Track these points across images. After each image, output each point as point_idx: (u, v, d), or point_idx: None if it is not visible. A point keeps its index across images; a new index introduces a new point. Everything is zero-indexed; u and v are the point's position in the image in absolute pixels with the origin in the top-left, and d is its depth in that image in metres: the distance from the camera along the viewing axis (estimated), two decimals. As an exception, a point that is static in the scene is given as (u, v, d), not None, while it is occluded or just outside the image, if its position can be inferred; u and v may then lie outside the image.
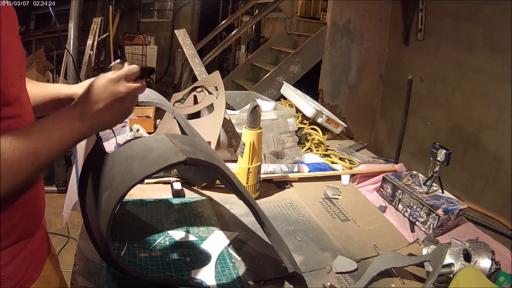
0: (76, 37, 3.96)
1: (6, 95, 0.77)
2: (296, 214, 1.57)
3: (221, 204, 1.57)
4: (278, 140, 2.03)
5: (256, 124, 1.56)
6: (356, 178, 1.96)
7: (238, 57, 8.34)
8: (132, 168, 0.92)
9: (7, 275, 0.85)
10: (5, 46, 0.74)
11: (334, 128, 2.50)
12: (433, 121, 3.82)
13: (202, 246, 1.29)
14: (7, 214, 0.84)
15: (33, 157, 0.78)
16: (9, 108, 0.79)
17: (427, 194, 1.68)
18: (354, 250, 1.37)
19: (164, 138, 1.00)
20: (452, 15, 3.53)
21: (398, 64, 4.37)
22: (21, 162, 0.76)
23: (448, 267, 1.21)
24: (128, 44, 8.41)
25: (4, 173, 0.73)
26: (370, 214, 1.65)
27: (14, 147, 0.74)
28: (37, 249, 0.96)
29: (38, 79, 4.69)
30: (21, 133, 0.78)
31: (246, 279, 1.17)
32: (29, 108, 0.89)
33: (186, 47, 2.28)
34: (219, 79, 1.96)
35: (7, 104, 0.78)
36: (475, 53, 3.28)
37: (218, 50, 4.78)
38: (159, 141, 0.99)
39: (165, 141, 0.98)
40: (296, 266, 1.11)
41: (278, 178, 1.83)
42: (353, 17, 4.35)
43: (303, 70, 4.60)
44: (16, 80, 0.80)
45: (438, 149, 1.68)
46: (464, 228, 1.64)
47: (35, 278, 0.94)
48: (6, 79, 0.74)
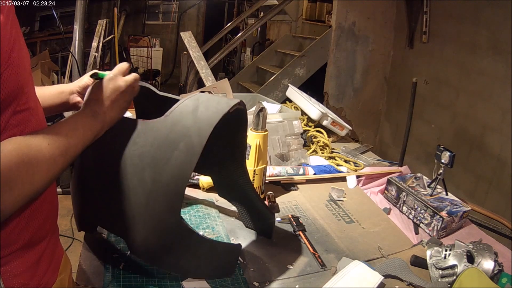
0: (81, 39, 3.98)
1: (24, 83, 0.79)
2: (301, 216, 1.58)
3: (227, 206, 1.58)
4: (284, 142, 2.04)
5: (262, 126, 1.57)
6: (361, 180, 1.97)
7: (243, 60, 8.35)
8: (202, 116, 0.99)
9: (26, 281, 0.85)
10: (15, 41, 0.75)
11: (339, 130, 2.51)
12: (437, 124, 3.82)
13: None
14: (35, 215, 0.86)
15: (65, 151, 0.83)
16: (25, 100, 0.81)
17: (431, 196, 1.69)
18: (359, 252, 1.38)
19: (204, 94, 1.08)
20: (456, 17, 3.53)
21: (403, 66, 4.38)
22: (56, 156, 0.80)
23: (452, 269, 1.23)
24: (133, 46, 8.45)
25: (42, 167, 0.76)
26: (374, 216, 1.66)
27: (48, 141, 0.79)
28: (52, 252, 0.97)
29: (43, 80, 4.71)
30: (51, 130, 0.82)
31: (251, 280, 1.18)
32: (39, 101, 0.91)
33: (192, 49, 2.31)
34: (228, 87, 1.97)
35: (22, 97, 0.80)
36: (479, 55, 3.28)
37: (223, 53, 4.81)
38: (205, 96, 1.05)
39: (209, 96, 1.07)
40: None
41: (285, 180, 1.84)
42: (358, 20, 4.36)
43: (308, 73, 4.61)
44: (27, 75, 0.82)
45: (442, 151, 1.69)
46: (468, 230, 1.64)
47: (52, 282, 0.95)
48: (19, 71, 0.76)
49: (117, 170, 1.02)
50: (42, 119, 0.90)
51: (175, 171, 0.96)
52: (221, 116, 0.98)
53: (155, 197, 0.97)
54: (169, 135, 0.98)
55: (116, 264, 1.16)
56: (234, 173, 1.33)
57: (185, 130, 0.97)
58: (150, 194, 0.97)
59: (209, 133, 0.96)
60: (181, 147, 0.95)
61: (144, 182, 0.98)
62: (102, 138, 0.99)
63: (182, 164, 0.95)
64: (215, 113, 0.99)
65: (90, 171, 1.11)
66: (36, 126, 0.84)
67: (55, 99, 1.18)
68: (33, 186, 0.75)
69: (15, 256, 0.82)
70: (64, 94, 1.19)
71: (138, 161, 0.99)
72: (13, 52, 0.73)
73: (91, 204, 1.17)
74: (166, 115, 1.00)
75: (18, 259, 0.83)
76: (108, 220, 1.16)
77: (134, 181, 0.99)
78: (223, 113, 0.99)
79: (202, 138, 0.95)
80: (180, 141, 0.96)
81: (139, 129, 1.02)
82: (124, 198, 1.02)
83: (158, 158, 0.97)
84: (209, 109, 1.00)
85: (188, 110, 1.00)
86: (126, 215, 1.04)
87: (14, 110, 0.77)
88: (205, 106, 1.00)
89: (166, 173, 0.96)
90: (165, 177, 0.96)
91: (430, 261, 1.29)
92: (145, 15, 10.08)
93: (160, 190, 0.97)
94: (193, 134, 0.96)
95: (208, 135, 0.95)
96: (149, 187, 0.97)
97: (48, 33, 7.27)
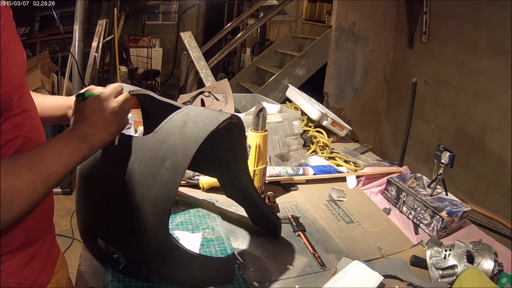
0: (81, 39, 3.97)
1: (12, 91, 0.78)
2: (301, 216, 1.58)
3: (226, 207, 1.59)
4: (284, 142, 2.04)
5: (262, 126, 1.58)
6: (361, 180, 1.97)
7: (243, 60, 8.35)
8: (189, 133, 0.98)
9: (21, 281, 0.86)
10: (8, 43, 0.74)
11: (339, 131, 2.51)
12: (437, 124, 3.82)
13: (207, 248, 1.31)
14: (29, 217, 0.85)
15: (46, 177, 0.80)
16: (18, 105, 0.81)
17: (431, 196, 1.69)
18: (359, 252, 1.38)
19: (195, 108, 1.06)
20: (456, 17, 3.54)
21: (403, 66, 4.38)
22: (36, 182, 0.77)
23: (452, 269, 1.23)
24: (133, 47, 8.45)
25: (21, 195, 0.74)
26: (374, 216, 1.66)
27: (28, 167, 0.76)
28: (48, 252, 0.97)
29: (43, 80, 4.70)
30: (33, 154, 0.80)
31: (251, 280, 1.18)
32: (34, 103, 0.91)
33: (192, 49, 2.31)
34: (228, 87, 1.97)
35: (15, 101, 0.80)
36: (479, 55, 3.29)
37: (223, 53, 4.81)
38: (195, 110, 1.04)
39: (200, 109, 1.05)
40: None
41: (285, 180, 1.84)
42: (358, 20, 4.37)
43: (308, 73, 4.61)
44: (20, 79, 0.81)
45: (442, 152, 1.69)
46: (468, 230, 1.64)
47: (47, 281, 0.95)
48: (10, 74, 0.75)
49: (112, 184, 1.04)
50: (37, 121, 0.90)
51: (161, 189, 0.97)
52: (209, 133, 0.97)
53: (143, 213, 0.99)
54: (156, 153, 0.98)
55: (116, 265, 1.16)
56: (237, 173, 1.33)
57: (171, 149, 0.97)
58: (139, 209, 0.99)
59: (194, 151, 0.96)
60: (167, 165, 0.96)
61: (134, 197, 0.99)
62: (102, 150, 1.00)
63: (167, 182, 0.96)
64: (203, 129, 0.98)
65: (90, 182, 1.12)
66: (30, 129, 0.84)
67: (54, 111, 1.16)
68: (10, 213, 0.73)
69: (10, 256, 0.83)
70: (63, 108, 1.16)
71: (129, 176, 1.00)
72: (1, 59, 0.71)
73: (91, 215, 1.19)
74: (155, 131, 1.01)
75: (12, 259, 0.83)
76: (106, 232, 1.18)
77: (126, 196, 1.00)
78: (210, 130, 0.98)
79: (187, 157, 0.96)
80: (166, 159, 0.97)
81: (131, 145, 1.02)
82: (117, 211, 1.04)
83: (145, 175, 0.98)
84: (197, 125, 0.99)
85: (176, 126, 1.00)
86: (121, 228, 1.06)
87: (6, 116, 0.77)
88: (194, 122, 1.00)
89: (153, 190, 0.97)
90: (152, 194, 0.97)
91: (430, 261, 1.29)
92: (145, 15, 10.08)
93: (148, 206, 0.98)
94: (179, 152, 0.96)
95: (193, 153, 0.96)
96: (138, 202, 0.99)
97: (48, 33, 7.26)
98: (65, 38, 4.71)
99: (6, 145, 0.78)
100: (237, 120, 1.11)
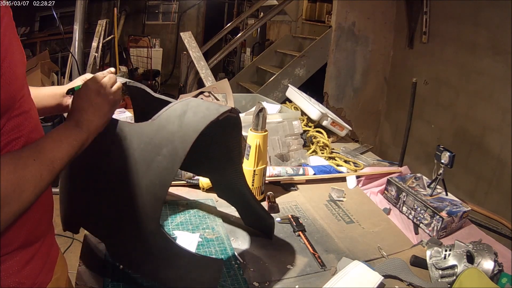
0: (81, 39, 3.97)
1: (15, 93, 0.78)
2: (301, 216, 1.58)
3: (227, 207, 1.58)
4: (284, 142, 2.04)
5: (262, 126, 1.58)
6: (361, 180, 1.97)
7: (243, 60, 8.35)
8: (189, 121, 0.97)
9: (21, 280, 0.86)
10: (9, 44, 0.75)
11: (339, 131, 2.51)
12: (437, 124, 3.82)
13: (207, 248, 1.31)
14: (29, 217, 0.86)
15: (51, 165, 0.82)
16: (18, 105, 0.81)
17: (431, 196, 1.69)
18: (359, 252, 1.38)
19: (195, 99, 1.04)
20: (456, 17, 3.53)
21: (403, 67, 4.38)
22: (43, 170, 0.79)
23: (452, 269, 1.23)
24: (133, 47, 8.43)
25: (30, 184, 0.76)
26: (374, 216, 1.66)
27: (34, 157, 0.79)
28: (47, 252, 0.98)
29: (43, 80, 4.71)
30: (35, 146, 0.82)
31: (251, 280, 1.18)
32: (33, 103, 0.92)
33: (192, 49, 2.31)
34: (228, 87, 1.96)
35: (17, 101, 0.80)
36: (479, 55, 3.29)
37: (223, 53, 4.81)
38: (195, 101, 1.03)
39: (200, 101, 1.04)
40: None
41: (285, 180, 1.84)
42: (358, 20, 4.36)
43: (308, 73, 4.60)
44: (21, 80, 0.82)
45: (442, 152, 1.69)
46: (468, 230, 1.65)
47: (47, 281, 0.96)
48: (13, 76, 0.75)
49: (101, 172, 1.03)
50: (36, 122, 0.91)
51: (156, 176, 0.95)
52: (208, 123, 0.97)
53: (135, 202, 0.97)
54: (153, 139, 0.97)
55: (116, 265, 1.16)
56: (231, 175, 1.33)
57: (169, 136, 0.96)
58: (130, 198, 0.97)
59: (194, 139, 0.94)
60: (164, 152, 0.95)
61: (125, 185, 0.97)
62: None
63: (164, 170, 0.95)
64: (203, 118, 0.97)
65: (77, 170, 1.10)
66: (31, 130, 0.85)
67: (49, 101, 1.18)
68: (21, 204, 0.75)
69: (10, 255, 0.83)
70: (56, 97, 1.19)
71: (121, 164, 0.98)
72: (4, 62, 0.72)
73: (76, 204, 1.17)
74: (154, 118, 1.00)
75: (13, 259, 0.84)
76: (90, 222, 1.15)
77: (116, 184, 0.99)
78: (210, 120, 0.97)
79: (186, 144, 0.94)
80: (164, 146, 0.95)
81: (125, 131, 1.01)
82: (105, 200, 1.02)
83: (140, 162, 0.96)
84: (197, 115, 0.98)
85: (176, 115, 0.99)
86: (106, 217, 1.04)
87: (8, 117, 0.78)
88: (194, 112, 0.99)
89: (147, 178, 0.95)
90: (146, 182, 0.95)
91: (430, 261, 1.29)
92: (145, 15, 10.07)
93: (140, 195, 0.96)
94: (177, 140, 0.95)
95: (192, 142, 0.94)
96: (130, 190, 0.97)
97: (48, 33, 7.26)
98: (65, 38, 4.71)
99: (8, 145, 0.79)
100: (236, 114, 1.11)
